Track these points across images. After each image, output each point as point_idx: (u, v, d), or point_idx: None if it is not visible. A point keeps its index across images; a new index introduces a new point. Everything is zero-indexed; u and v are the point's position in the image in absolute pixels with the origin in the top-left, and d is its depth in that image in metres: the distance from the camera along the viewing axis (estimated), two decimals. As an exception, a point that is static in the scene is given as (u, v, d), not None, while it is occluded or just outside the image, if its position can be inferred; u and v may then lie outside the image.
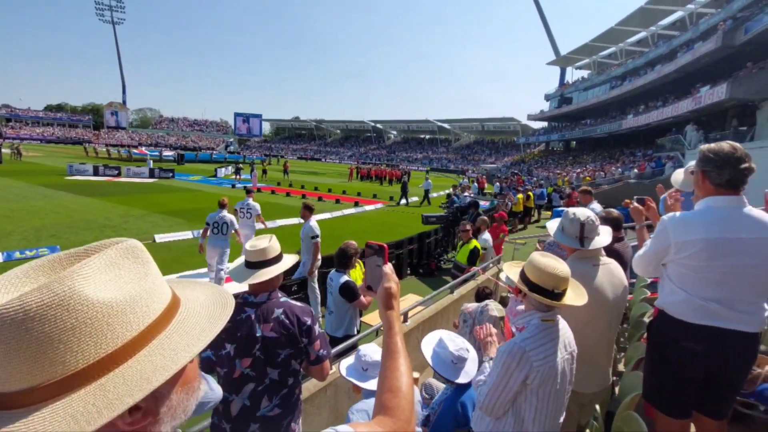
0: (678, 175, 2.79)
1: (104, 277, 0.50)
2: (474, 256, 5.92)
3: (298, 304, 1.94)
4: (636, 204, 2.48)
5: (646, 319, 3.46)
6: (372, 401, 1.90)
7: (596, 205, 5.30)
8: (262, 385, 1.84)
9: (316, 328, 1.92)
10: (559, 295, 1.63)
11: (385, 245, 1.04)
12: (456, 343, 2.23)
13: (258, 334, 1.82)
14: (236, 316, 1.85)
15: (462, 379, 2.15)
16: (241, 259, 2.00)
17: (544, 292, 1.62)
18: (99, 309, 0.48)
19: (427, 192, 21.01)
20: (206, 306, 0.63)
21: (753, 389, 2.43)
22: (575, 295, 1.69)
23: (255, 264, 1.91)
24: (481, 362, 1.97)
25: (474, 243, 6.00)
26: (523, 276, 1.70)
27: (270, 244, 1.96)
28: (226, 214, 6.93)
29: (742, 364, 1.80)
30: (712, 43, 23.15)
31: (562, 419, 1.73)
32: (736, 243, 1.67)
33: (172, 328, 0.57)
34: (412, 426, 0.79)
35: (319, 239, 5.89)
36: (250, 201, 8.09)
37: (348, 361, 2.17)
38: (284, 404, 1.88)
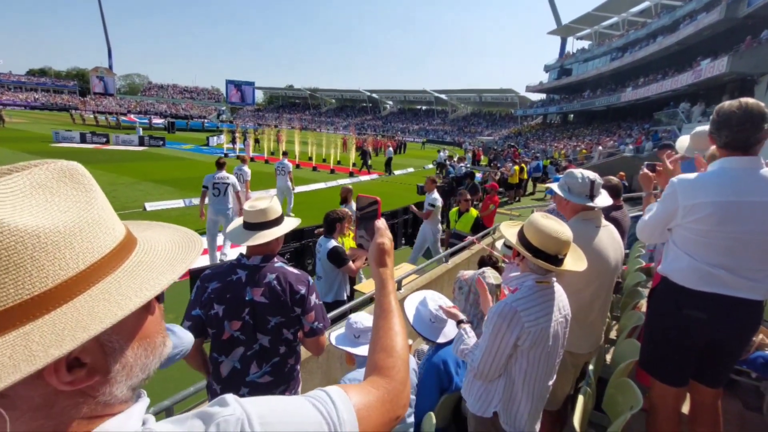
0: (683, 141, 2.68)
1: (29, 202, 0.41)
2: (477, 226, 5.88)
3: (295, 271, 1.83)
4: (646, 170, 2.36)
5: (641, 288, 3.46)
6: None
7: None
8: (251, 350, 1.78)
9: (312, 298, 1.81)
10: (560, 260, 1.56)
11: (377, 198, 0.94)
12: (437, 302, 2.20)
13: (247, 298, 1.74)
14: (227, 277, 1.77)
15: (440, 339, 2.15)
16: (239, 220, 1.90)
17: (546, 256, 1.54)
18: (19, 238, 0.39)
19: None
20: (167, 249, 0.53)
21: (746, 357, 2.44)
22: (574, 260, 1.62)
23: (254, 225, 1.80)
24: (458, 324, 1.91)
25: (475, 212, 5.94)
26: (522, 238, 1.62)
27: (270, 204, 1.84)
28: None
29: (745, 333, 1.76)
30: (716, 15, 22.73)
31: (551, 382, 1.70)
32: (748, 207, 1.59)
33: (122, 271, 0.47)
34: (408, 387, 0.72)
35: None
36: (245, 168, 7.97)
37: (338, 330, 2.11)
38: (275, 372, 1.82)
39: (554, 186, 2.20)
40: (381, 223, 0.90)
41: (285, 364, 1.84)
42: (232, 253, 6.64)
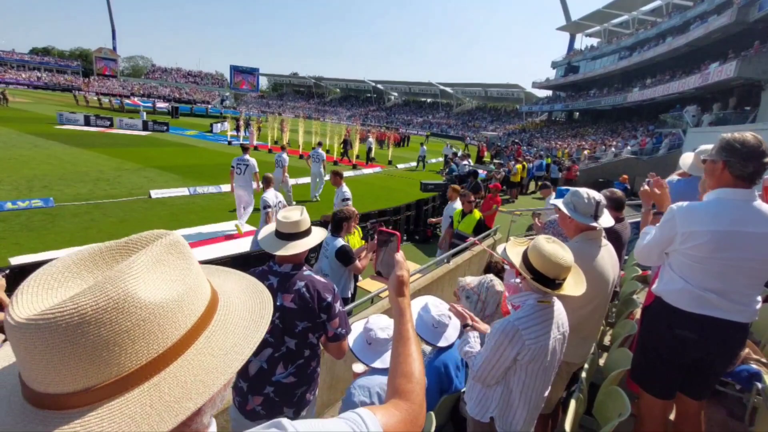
0: (687, 158, 2.75)
1: (153, 276, 0.50)
2: (479, 227, 5.95)
3: (322, 280, 1.96)
4: (646, 187, 2.42)
5: (635, 297, 3.57)
6: (374, 378, 1.96)
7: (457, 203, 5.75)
8: (279, 352, 1.90)
9: (337, 305, 1.94)
10: (559, 285, 1.66)
11: (397, 233, 1.04)
12: (439, 309, 2.33)
13: (278, 303, 1.86)
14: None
15: (442, 343, 2.28)
16: (272, 227, 2.01)
17: (546, 280, 1.64)
18: (152, 310, 0.48)
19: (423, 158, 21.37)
20: (245, 301, 0.64)
21: (732, 369, 2.55)
22: (575, 283, 1.72)
23: (286, 235, 1.93)
24: (464, 327, 2.03)
25: (478, 214, 6.02)
26: (525, 260, 1.72)
27: (302, 217, 1.97)
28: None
29: (730, 352, 1.88)
30: (726, 18, 22.51)
31: (547, 393, 1.82)
32: (743, 237, 1.69)
33: (215, 325, 0.57)
34: (424, 409, 0.82)
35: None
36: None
37: (356, 329, 2.24)
38: (299, 374, 1.94)
39: (559, 203, 2.28)
40: (400, 256, 0.99)
41: (308, 366, 1.97)
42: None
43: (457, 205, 6.38)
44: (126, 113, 31.89)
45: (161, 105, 42.06)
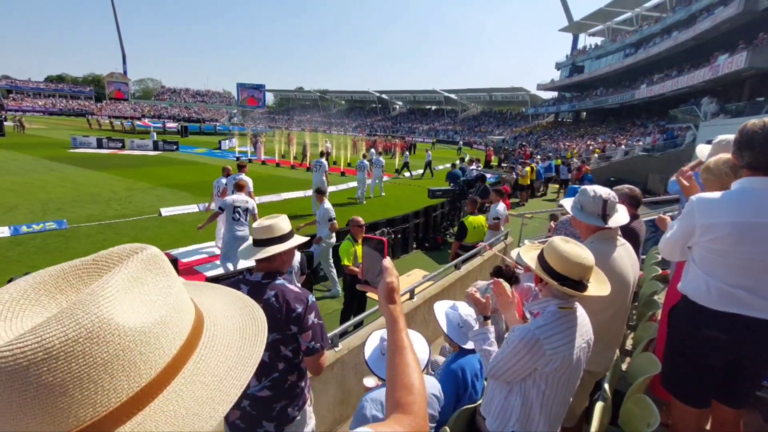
0: (704, 149, 2.63)
1: (130, 297, 0.43)
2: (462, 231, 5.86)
3: (295, 289, 1.85)
4: (684, 181, 2.22)
5: (656, 298, 3.42)
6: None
7: (502, 206, 5.46)
8: None
9: (311, 317, 1.82)
10: (585, 286, 1.55)
11: (384, 239, 0.97)
12: (467, 310, 2.33)
13: None
14: None
15: (468, 345, 2.26)
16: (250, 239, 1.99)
17: (571, 283, 1.54)
18: (132, 337, 0.41)
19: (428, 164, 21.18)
20: (232, 318, 0.57)
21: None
22: (598, 283, 1.61)
23: (260, 242, 1.89)
24: (484, 319, 1.95)
25: (483, 219, 5.91)
26: (543, 263, 1.61)
27: (275, 222, 1.92)
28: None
29: (766, 354, 1.74)
30: (734, 8, 22.14)
31: (569, 404, 1.71)
32: (766, 228, 1.57)
33: (203, 349, 0.50)
34: (427, 421, 0.76)
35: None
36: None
37: (373, 341, 2.16)
38: (275, 387, 1.84)
39: (566, 203, 2.18)
40: (387, 262, 0.93)
41: (285, 381, 1.86)
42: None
43: (501, 207, 6.33)
44: (137, 134, 32.57)
45: (171, 125, 42.83)
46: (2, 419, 0.37)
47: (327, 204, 6.30)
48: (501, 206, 6.46)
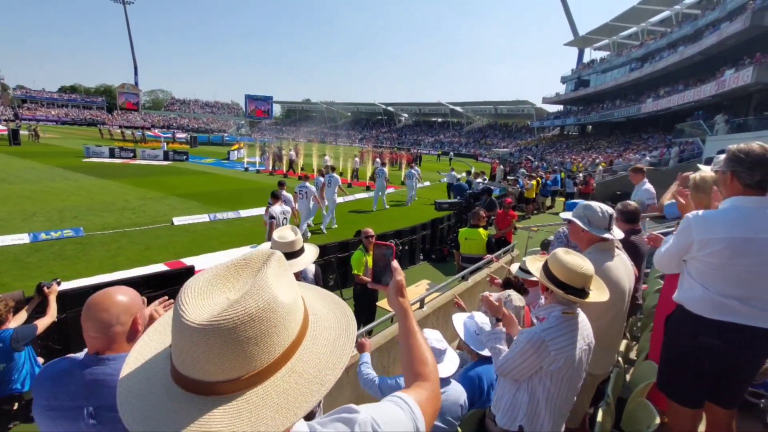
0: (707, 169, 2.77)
1: (280, 283, 0.62)
2: (491, 246, 5.97)
3: None
4: (681, 200, 2.40)
5: (660, 310, 3.52)
6: None
7: (649, 185, 5.21)
8: None
9: None
10: (587, 293, 1.71)
11: (393, 245, 1.17)
12: (483, 318, 2.45)
13: None
14: None
15: (485, 352, 2.38)
16: (267, 245, 2.12)
17: (573, 291, 1.70)
18: (287, 309, 0.61)
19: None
20: (321, 306, 0.77)
21: (762, 380, 2.50)
22: (598, 291, 1.77)
23: (287, 255, 2.03)
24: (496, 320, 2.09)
25: (485, 233, 6.03)
26: (548, 273, 1.77)
27: (297, 237, 2.07)
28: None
29: (757, 359, 1.87)
30: (740, 24, 22.29)
31: (573, 402, 1.85)
32: (759, 243, 1.71)
33: (314, 324, 0.70)
34: (439, 385, 0.95)
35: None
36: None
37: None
38: None
39: (571, 216, 2.34)
40: (396, 264, 1.12)
41: None
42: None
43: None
44: (148, 144, 33.16)
45: (180, 135, 43.56)
46: (221, 359, 0.55)
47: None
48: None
